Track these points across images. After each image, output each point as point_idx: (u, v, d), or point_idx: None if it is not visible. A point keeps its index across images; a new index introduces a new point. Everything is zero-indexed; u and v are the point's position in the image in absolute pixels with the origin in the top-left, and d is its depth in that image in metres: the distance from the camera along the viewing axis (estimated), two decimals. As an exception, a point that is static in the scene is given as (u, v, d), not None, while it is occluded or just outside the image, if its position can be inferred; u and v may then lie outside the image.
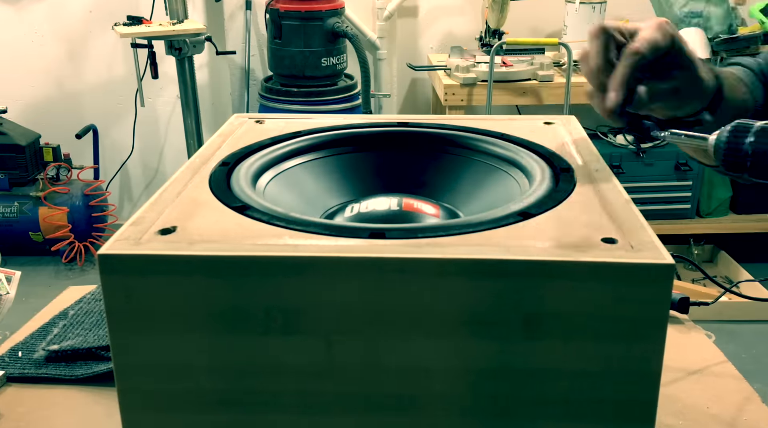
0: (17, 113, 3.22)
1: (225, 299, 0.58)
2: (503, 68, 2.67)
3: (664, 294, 0.56)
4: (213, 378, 0.61)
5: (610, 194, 0.68)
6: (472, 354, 0.58)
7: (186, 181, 0.72)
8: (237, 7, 3.15)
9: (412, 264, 0.56)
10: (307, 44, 2.77)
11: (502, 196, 0.75)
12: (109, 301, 0.58)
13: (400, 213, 0.73)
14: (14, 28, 3.16)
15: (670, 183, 2.84)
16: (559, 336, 0.57)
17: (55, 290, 1.18)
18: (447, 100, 2.67)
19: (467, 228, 0.61)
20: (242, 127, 0.89)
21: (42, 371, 0.94)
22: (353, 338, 0.58)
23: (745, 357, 2.36)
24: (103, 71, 3.22)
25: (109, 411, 0.87)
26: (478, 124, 0.87)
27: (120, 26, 2.62)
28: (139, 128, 3.25)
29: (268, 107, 2.86)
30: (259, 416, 0.62)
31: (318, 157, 0.84)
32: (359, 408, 0.61)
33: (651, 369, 0.58)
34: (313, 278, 0.57)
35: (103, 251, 0.57)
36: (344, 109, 2.86)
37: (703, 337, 1.02)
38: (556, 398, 0.59)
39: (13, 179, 3.04)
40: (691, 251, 2.96)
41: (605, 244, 0.58)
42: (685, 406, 0.86)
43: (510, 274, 0.56)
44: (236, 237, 0.60)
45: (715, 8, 2.79)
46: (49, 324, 1.06)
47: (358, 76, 2.92)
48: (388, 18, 3.10)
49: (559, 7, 2.95)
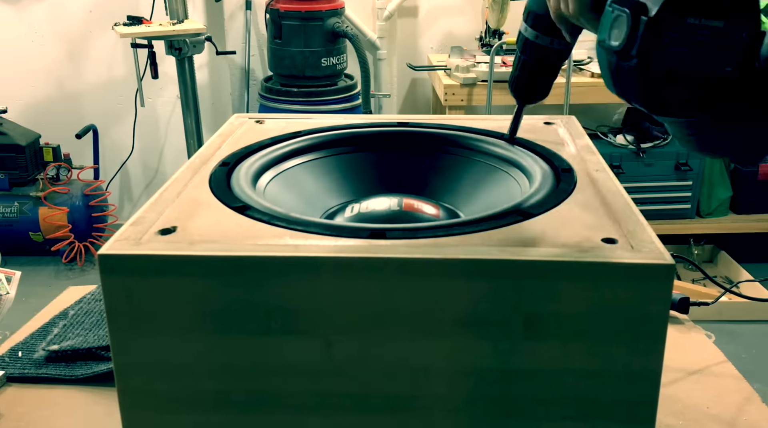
0: (17, 113, 3.22)
1: (225, 299, 0.58)
2: (503, 68, 2.67)
3: (664, 294, 0.56)
4: (213, 378, 0.61)
5: (610, 194, 0.68)
6: (472, 354, 0.58)
7: (186, 181, 0.72)
8: (237, 7, 3.15)
9: (413, 264, 0.56)
10: (307, 44, 2.77)
11: (502, 196, 0.75)
12: (109, 301, 0.58)
13: (400, 213, 0.73)
14: (14, 28, 3.15)
15: (670, 183, 2.84)
16: (559, 336, 0.57)
17: (55, 290, 1.18)
18: (447, 100, 2.66)
19: (467, 228, 0.61)
20: (242, 127, 0.89)
21: (42, 371, 0.94)
22: (353, 338, 0.58)
23: (745, 357, 2.36)
24: (103, 71, 3.22)
25: (109, 411, 0.87)
26: (478, 124, 0.87)
27: (120, 26, 2.62)
28: (139, 128, 3.25)
29: (268, 107, 2.86)
30: (259, 416, 0.62)
31: (318, 157, 0.84)
32: (359, 408, 0.61)
33: (651, 369, 0.58)
34: (314, 278, 0.57)
35: (104, 251, 0.57)
36: (344, 109, 2.86)
37: (703, 337, 1.02)
38: (556, 398, 0.59)
39: (13, 179, 3.04)
40: (691, 251, 2.96)
41: (605, 244, 0.58)
42: (685, 406, 0.86)
43: (510, 274, 0.56)
44: (236, 237, 0.60)
45: (715, 8, 2.78)
46: (49, 324, 1.05)
47: (358, 76, 2.92)
48: (388, 18, 3.10)
49: (559, 7, 2.95)
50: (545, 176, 0.72)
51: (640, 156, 2.79)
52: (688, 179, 2.83)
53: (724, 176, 2.91)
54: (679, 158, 2.80)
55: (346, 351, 0.59)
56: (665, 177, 2.83)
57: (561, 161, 0.76)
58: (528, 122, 0.90)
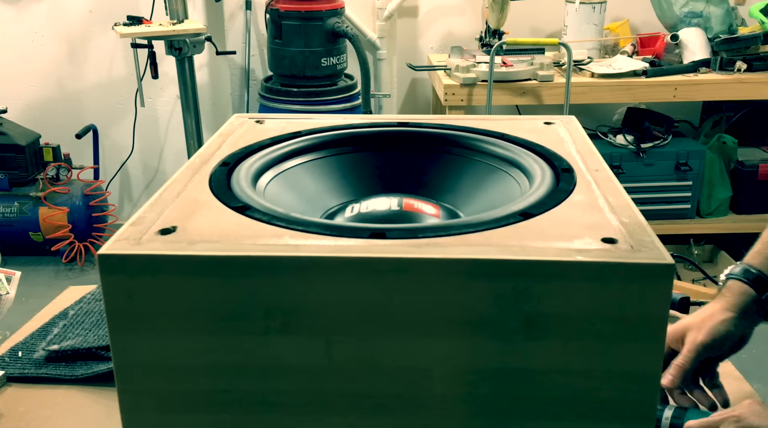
0: (17, 113, 3.22)
1: (225, 299, 0.58)
2: (503, 68, 2.67)
3: (664, 294, 0.56)
4: (213, 378, 0.61)
5: (610, 194, 0.68)
6: (472, 354, 0.58)
7: (186, 181, 0.72)
8: (237, 7, 3.15)
9: (413, 264, 0.56)
10: (307, 44, 2.77)
11: (502, 196, 0.75)
12: (109, 301, 0.58)
13: (400, 213, 0.73)
14: (14, 28, 3.16)
15: (670, 183, 2.84)
16: (559, 335, 0.57)
17: (55, 290, 1.18)
18: (447, 100, 2.66)
19: (467, 228, 0.61)
20: (242, 127, 0.89)
21: (42, 371, 0.94)
22: (353, 338, 0.58)
23: (745, 357, 2.35)
24: (103, 71, 3.22)
25: (109, 411, 0.87)
26: (478, 124, 0.87)
27: (120, 26, 2.62)
28: (139, 128, 3.25)
29: (268, 107, 2.86)
30: (259, 416, 0.62)
31: (318, 157, 0.83)
32: (359, 408, 0.61)
33: (651, 369, 0.58)
34: (314, 278, 0.57)
35: (103, 251, 0.57)
36: (344, 109, 2.86)
37: (703, 337, 1.02)
38: (556, 398, 0.59)
39: (13, 179, 3.04)
40: (691, 251, 2.96)
41: (605, 244, 0.58)
42: (685, 406, 0.86)
43: (510, 274, 0.56)
44: (236, 237, 0.60)
45: (715, 8, 2.79)
46: (49, 323, 1.06)
47: (358, 76, 2.92)
48: (388, 18, 3.10)
49: (559, 7, 2.95)
50: (545, 176, 0.72)
51: (640, 156, 2.79)
52: (688, 179, 2.83)
53: (724, 176, 2.91)
54: (679, 158, 2.80)
55: (346, 351, 0.59)
56: (665, 177, 2.83)
57: (561, 161, 0.76)
58: (528, 122, 0.90)
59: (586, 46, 2.85)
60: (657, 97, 2.69)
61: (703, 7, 2.79)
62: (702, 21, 2.79)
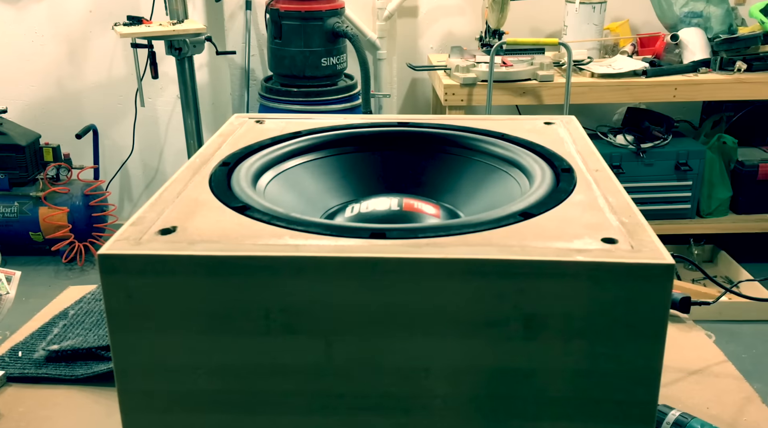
0: (17, 113, 3.22)
1: (225, 299, 0.58)
2: (503, 68, 2.67)
3: (664, 294, 0.56)
4: (213, 378, 0.61)
5: (610, 194, 0.68)
6: (472, 354, 0.58)
7: (186, 181, 0.72)
8: (237, 7, 3.15)
9: (413, 264, 0.56)
10: (307, 44, 2.77)
11: (502, 196, 0.75)
12: (109, 301, 0.58)
13: (400, 213, 0.73)
14: (14, 28, 3.16)
15: (670, 183, 2.84)
16: (559, 335, 0.57)
17: (55, 290, 1.18)
18: (447, 100, 2.66)
19: (467, 228, 0.61)
20: (242, 127, 0.89)
21: (42, 371, 0.94)
22: (353, 338, 0.58)
23: (745, 357, 2.36)
24: (103, 71, 3.22)
25: (109, 411, 0.87)
26: (478, 124, 0.87)
27: (120, 26, 2.62)
28: (139, 128, 3.25)
29: (268, 107, 2.86)
30: (258, 416, 0.62)
31: (318, 157, 0.83)
32: (359, 408, 0.61)
33: (651, 368, 0.58)
34: (314, 278, 0.57)
35: (103, 251, 0.57)
36: (344, 109, 2.86)
37: (703, 337, 1.02)
38: (556, 398, 0.59)
39: (13, 179, 3.04)
40: (691, 251, 2.96)
41: (605, 244, 0.58)
42: (685, 406, 0.86)
43: (510, 274, 0.56)
44: (236, 237, 0.60)
45: (715, 8, 2.79)
46: (49, 323, 1.06)
47: (358, 76, 2.92)
48: (388, 18, 3.10)
49: (559, 7, 2.95)
50: (545, 176, 0.72)
51: (640, 156, 2.79)
52: (688, 179, 2.83)
53: (724, 176, 2.91)
54: (679, 158, 2.80)
55: (346, 351, 0.59)
56: (665, 177, 2.83)
57: (561, 161, 0.76)
58: (528, 122, 0.90)
59: (586, 46, 2.85)
60: (657, 97, 2.69)
61: (703, 7, 2.79)
62: (702, 21, 2.79)
